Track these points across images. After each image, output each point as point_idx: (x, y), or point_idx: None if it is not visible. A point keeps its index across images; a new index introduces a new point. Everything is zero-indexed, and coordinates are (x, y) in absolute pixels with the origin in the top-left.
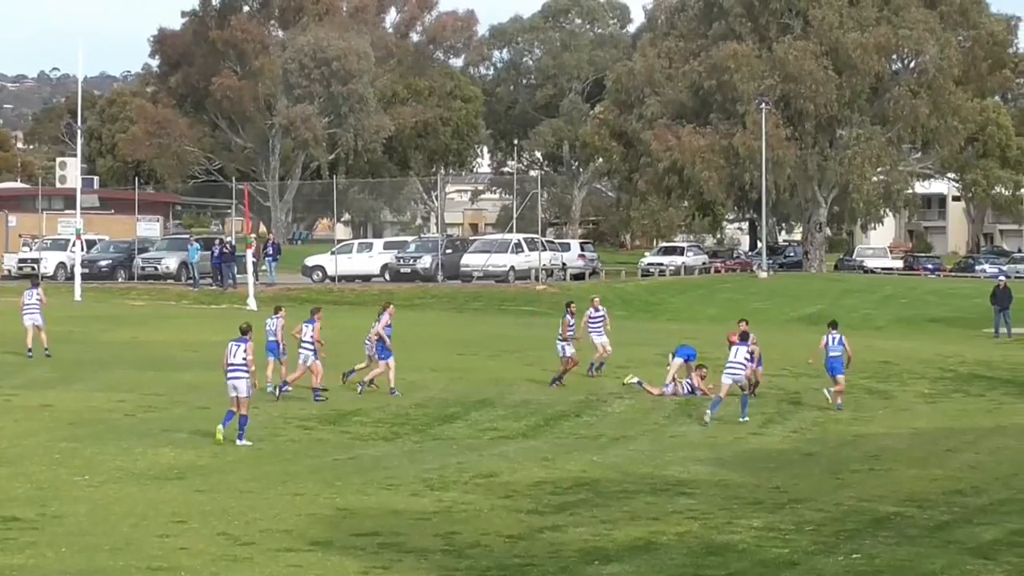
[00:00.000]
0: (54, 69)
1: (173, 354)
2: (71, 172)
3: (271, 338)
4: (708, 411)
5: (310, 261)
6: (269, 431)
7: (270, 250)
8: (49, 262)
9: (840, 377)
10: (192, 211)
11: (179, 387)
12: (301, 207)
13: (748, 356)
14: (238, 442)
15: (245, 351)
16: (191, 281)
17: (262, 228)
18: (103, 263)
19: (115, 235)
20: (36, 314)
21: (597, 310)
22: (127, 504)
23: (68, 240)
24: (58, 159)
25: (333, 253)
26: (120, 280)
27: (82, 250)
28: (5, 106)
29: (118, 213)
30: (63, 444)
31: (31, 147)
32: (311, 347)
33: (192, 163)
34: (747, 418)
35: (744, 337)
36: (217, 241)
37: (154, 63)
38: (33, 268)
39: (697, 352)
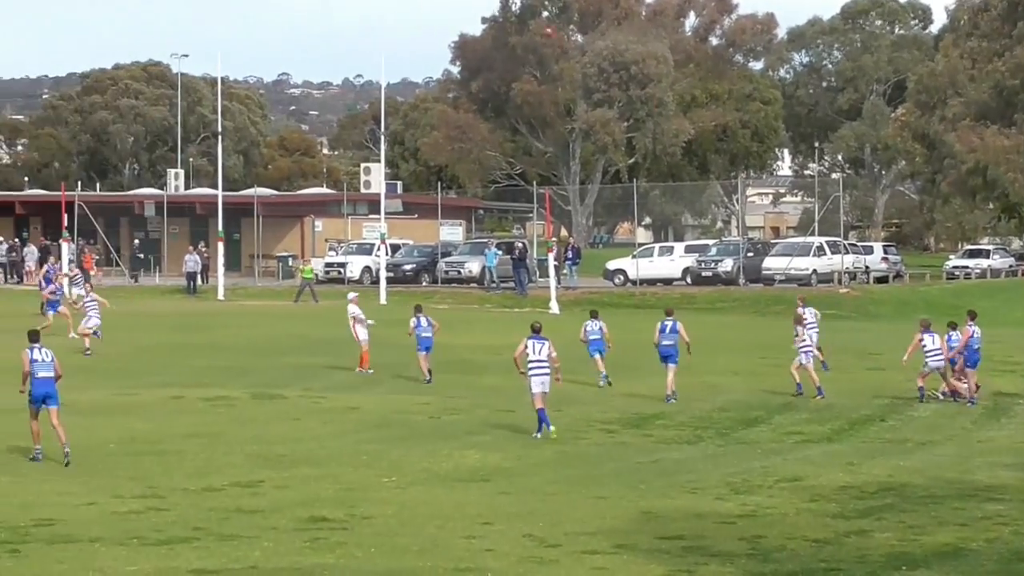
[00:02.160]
0: (357, 76)
1: (475, 357)
2: (375, 177)
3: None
4: None
5: (611, 265)
6: (572, 434)
7: (570, 254)
8: (355, 266)
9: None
10: (494, 215)
11: (482, 390)
12: (601, 211)
13: None
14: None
15: (549, 348)
16: (493, 284)
17: (563, 232)
18: (407, 267)
19: (418, 239)
20: None
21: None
22: (433, 506)
23: (373, 244)
24: (362, 164)
25: (634, 257)
26: (424, 284)
27: (386, 254)
28: (310, 112)
29: (421, 217)
30: (370, 446)
31: (336, 152)
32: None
33: (493, 167)
34: None
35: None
36: (515, 245)
37: (455, 69)
38: (339, 272)
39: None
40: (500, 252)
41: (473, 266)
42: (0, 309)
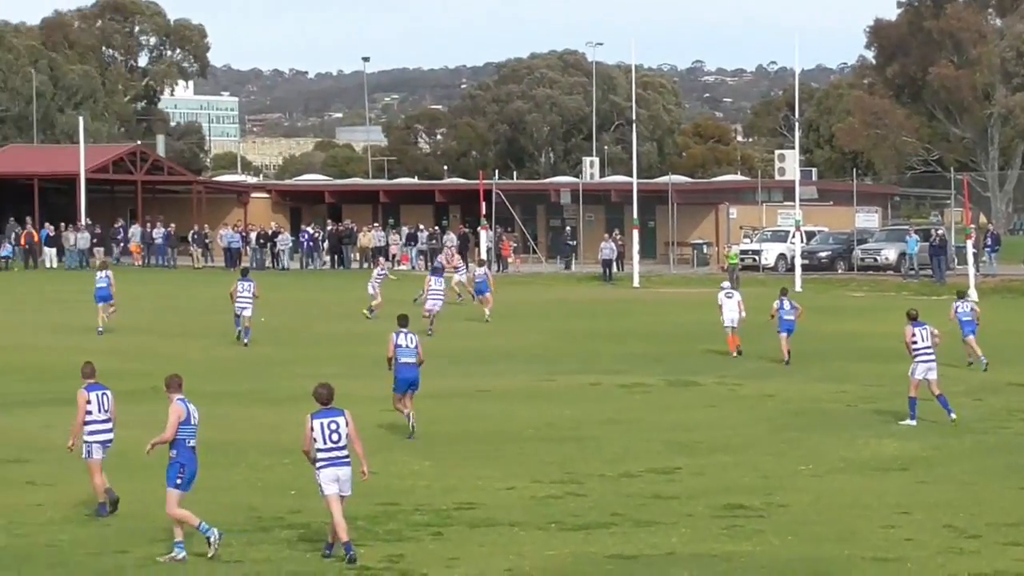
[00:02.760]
0: (771, 63)
1: (890, 345)
2: (789, 164)
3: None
4: None
5: None
6: (994, 423)
7: (989, 241)
8: (769, 253)
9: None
10: (910, 202)
11: (898, 378)
12: (1021, 197)
13: None
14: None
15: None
16: (911, 272)
17: (982, 219)
18: (822, 254)
19: (834, 226)
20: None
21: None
22: (850, 494)
23: (787, 232)
24: (776, 151)
25: None
26: (839, 271)
27: (802, 241)
28: (724, 100)
29: (836, 204)
30: (786, 434)
31: (750, 140)
32: None
33: (910, 154)
34: None
35: None
36: (933, 232)
37: (869, 54)
38: (754, 259)
39: None
40: (919, 239)
41: (890, 253)
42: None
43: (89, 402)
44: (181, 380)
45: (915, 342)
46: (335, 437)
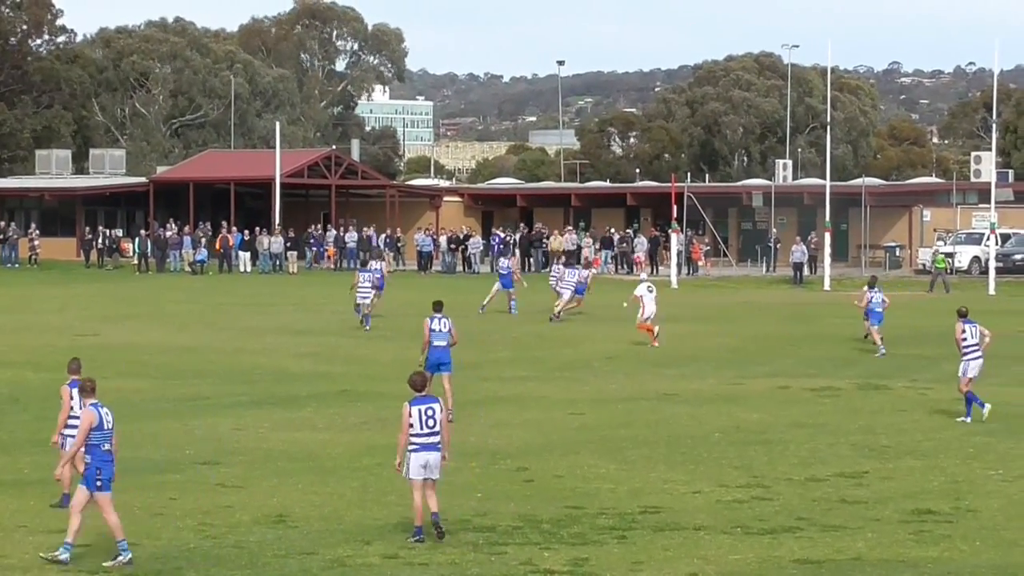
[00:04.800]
0: (969, 63)
1: None
2: (985, 166)
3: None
4: None
5: None
6: None
7: None
8: (963, 256)
9: None
10: None
11: None
12: None
13: None
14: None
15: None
16: None
17: None
18: (1017, 257)
19: None
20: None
21: None
22: None
23: (982, 234)
24: (973, 153)
25: None
26: None
27: (996, 244)
28: (921, 101)
29: None
30: (977, 438)
31: (946, 141)
32: None
33: None
34: None
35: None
36: None
37: None
38: (949, 262)
39: None
40: None
41: None
42: (604, 299)
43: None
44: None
45: (964, 339)
46: (431, 423)
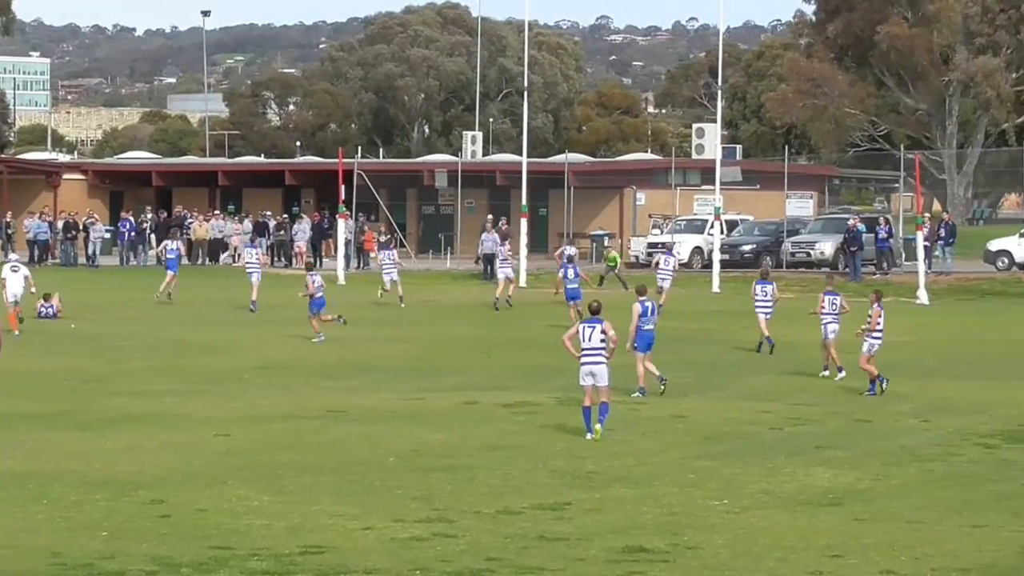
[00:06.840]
0: (691, 19)
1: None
2: (709, 141)
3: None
4: None
5: (993, 245)
6: (942, 449)
7: (944, 232)
8: (683, 247)
9: None
10: (852, 185)
11: (833, 395)
12: (983, 180)
13: None
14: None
15: (605, 332)
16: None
17: (936, 206)
18: (746, 247)
19: (760, 215)
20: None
21: None
22: (773, 534)
23: (705, 221)
24: (694, 125)
25: (1022, 235)
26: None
27: (722, 232)
28: (634, 63)
29: (764, 188)
30: (698, 462)
31: (663, 111)
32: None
33: (853, 128)
34: None
35: None
36: (881, 221)
37: (808, 9)
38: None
39: None
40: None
41: (826, 247)
42: (272, 299)
43: None
44: None
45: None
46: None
